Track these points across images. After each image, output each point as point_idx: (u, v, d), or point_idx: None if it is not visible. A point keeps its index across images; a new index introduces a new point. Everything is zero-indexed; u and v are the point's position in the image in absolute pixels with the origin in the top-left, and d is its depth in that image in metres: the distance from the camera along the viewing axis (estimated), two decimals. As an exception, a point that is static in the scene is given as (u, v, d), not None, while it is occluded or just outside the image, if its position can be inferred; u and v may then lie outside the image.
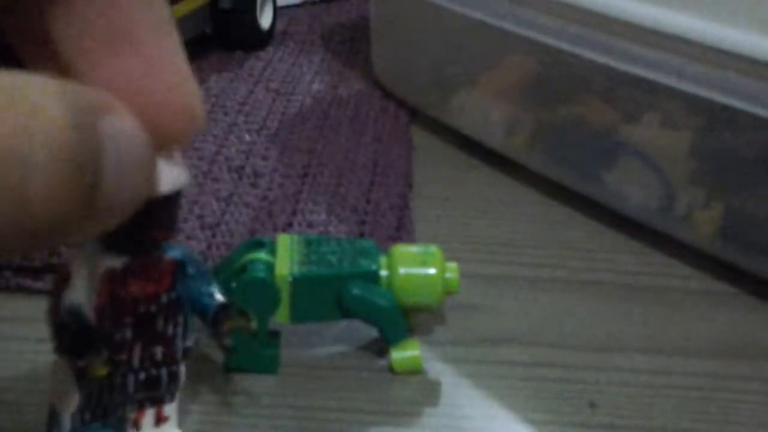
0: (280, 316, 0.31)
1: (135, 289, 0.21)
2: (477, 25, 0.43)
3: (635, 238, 0.41)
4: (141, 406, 0.23)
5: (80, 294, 0.21)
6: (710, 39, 0.34)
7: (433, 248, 0.33)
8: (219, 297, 0.25)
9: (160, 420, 0.23)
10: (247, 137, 0.48)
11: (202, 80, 0.54)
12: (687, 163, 0.38)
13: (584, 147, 0.42)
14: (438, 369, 0.33)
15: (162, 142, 0.17)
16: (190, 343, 0.23)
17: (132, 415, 0.23)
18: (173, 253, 0.22)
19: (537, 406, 0.31)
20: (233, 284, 0.30)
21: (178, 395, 0.24)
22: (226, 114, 0.50)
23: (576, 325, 0.36)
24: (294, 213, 0.41)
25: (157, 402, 0.23)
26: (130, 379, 0.22)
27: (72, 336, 0.21)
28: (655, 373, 0.33)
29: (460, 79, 0.49)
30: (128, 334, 0.21)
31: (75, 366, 0.21)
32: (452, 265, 0.33)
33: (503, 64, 0.46)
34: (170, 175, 0.19)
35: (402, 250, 0.33)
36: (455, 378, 0.32)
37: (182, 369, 0.23)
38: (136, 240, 0.20)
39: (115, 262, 0.20)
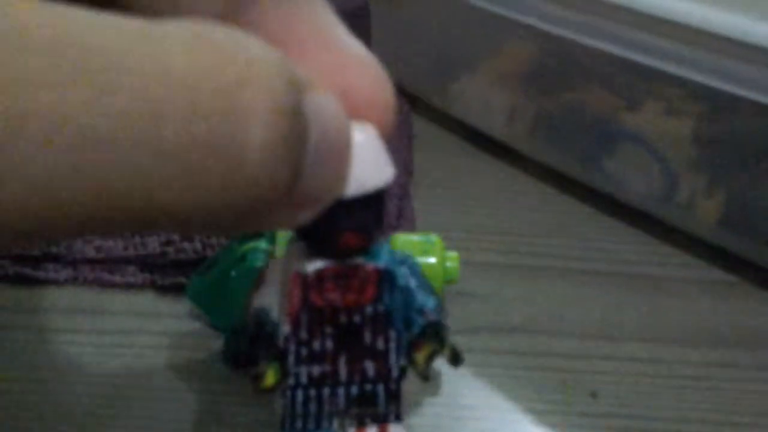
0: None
1: (333, 298, 0.19)
2: (478, 11, 0.43)
3: (636, 226, 0.41)
4: (361, 424, 0.22)
5: (270, 299, 0.20)
6: (712, 25, 0.34)
7: (434, 237, 0.33)
8: (431, 315, 0.22)
9: None
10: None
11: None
12: (689, 150, 0.38)
13: (585, 134, 0.42)
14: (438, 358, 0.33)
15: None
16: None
17: (352, 431, 0.22)
18: (378, 262, 0.19)
19: (538, 395, 0.31)
20: (233, 273, 0.30)
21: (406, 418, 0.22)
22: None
23: (577, 314, 0.35)
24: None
25: (380, 420, 0.22)
26: (340, 392, 0.21)
27: (249, 341, 0.20)
28: (656, 362, 0.33)
29: (460, 67, 0.48)
30: (329, 344, 0.20)
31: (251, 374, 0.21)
32: (453, 254, 0.33)
33: (504, 51, 0.45)
34: (368, 171, 0.17)
35: (402, 238, 0.32)
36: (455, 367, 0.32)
37: (403, 387, 0.22)
38: (329, 244, 0.18)
39: (308, 267, 0.19)
